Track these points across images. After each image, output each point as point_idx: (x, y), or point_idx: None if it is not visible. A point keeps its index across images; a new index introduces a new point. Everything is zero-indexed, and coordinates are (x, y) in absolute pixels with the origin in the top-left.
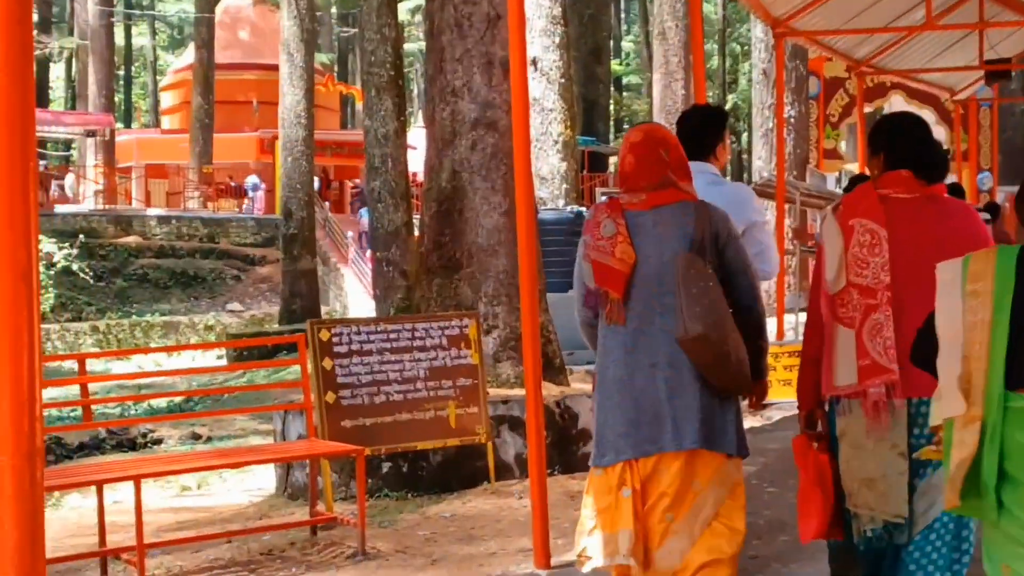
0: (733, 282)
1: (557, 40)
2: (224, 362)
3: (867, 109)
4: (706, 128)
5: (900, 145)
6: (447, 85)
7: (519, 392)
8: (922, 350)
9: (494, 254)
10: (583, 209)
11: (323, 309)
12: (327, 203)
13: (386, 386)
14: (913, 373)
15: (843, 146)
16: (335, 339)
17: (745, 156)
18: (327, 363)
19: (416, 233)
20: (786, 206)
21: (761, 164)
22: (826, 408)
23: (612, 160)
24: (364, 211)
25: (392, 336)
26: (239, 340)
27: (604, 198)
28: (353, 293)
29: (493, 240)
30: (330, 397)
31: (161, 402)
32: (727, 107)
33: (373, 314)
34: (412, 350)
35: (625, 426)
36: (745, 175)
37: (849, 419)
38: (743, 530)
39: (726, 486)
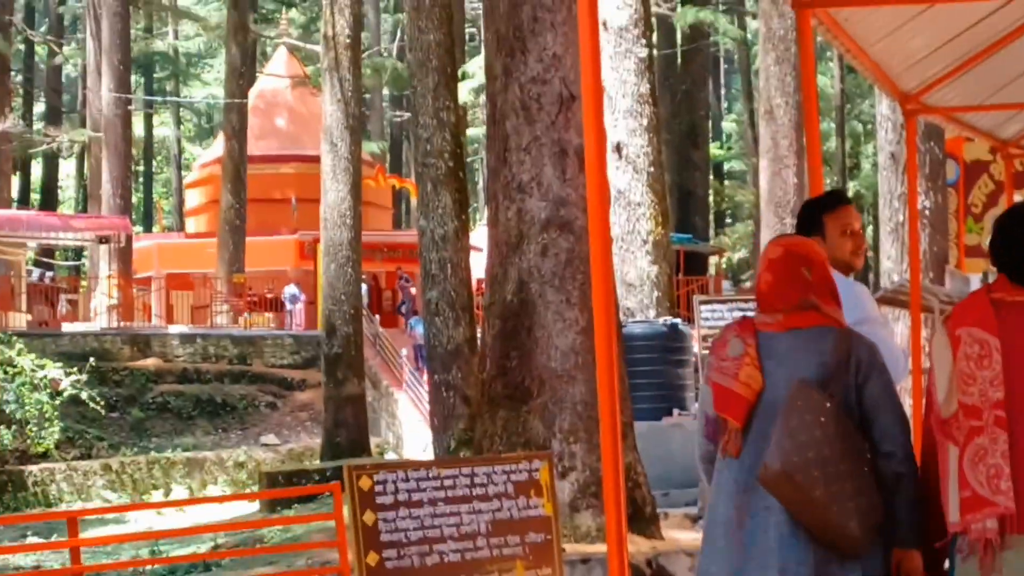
0: (874, 422)
1: (645, 122)
2: (257, 505)
3: (1016, 197)
4: (812, 212)
5: (999, 244)
6: (512, 179)
7: (602, 548)
8: None
9: (570, 381)
10: (678, 321)
11: (373, 441)
12: (377, 316)
13: (440, 544)
14: None
15: (988, 242)
16: (378, 488)
17: (871, 255)
18: (368, 517)
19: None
20: (922, 316)
21: (891, 265)
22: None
23: (712, 260)
24: (415, 320)
25: (447, 483)
26: (263, 492)
27: (730, 314)
28: (408, 422)
29: (569, 364)
30: (372, 559)
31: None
32: (848, 196)
33: (430, 447)
34: (472, 499)
35: (732, 566)
36: (871, 276)
37: (964, 557)
38: None
39: None
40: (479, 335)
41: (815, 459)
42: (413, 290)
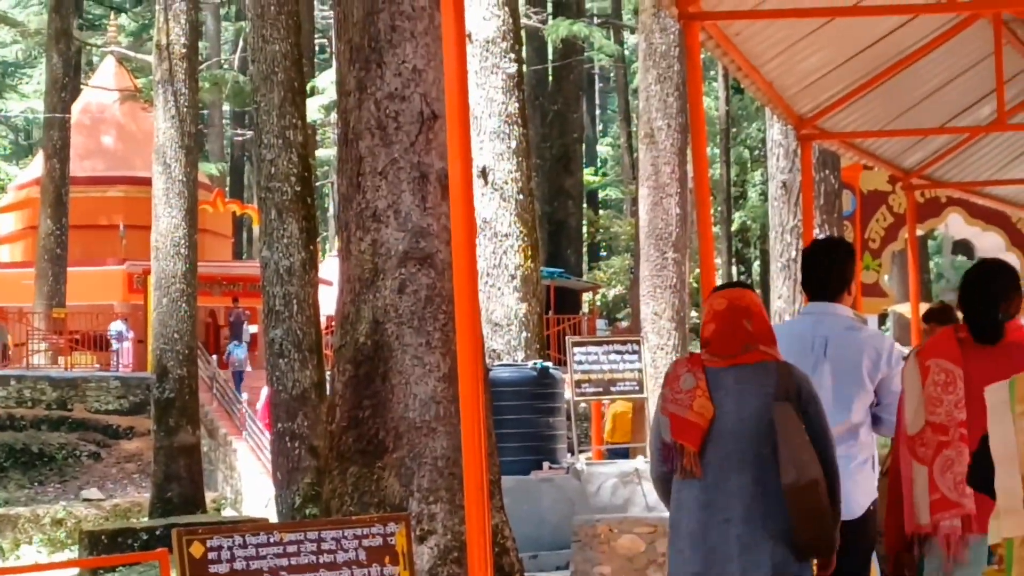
0: (816, 441)
1: (514, 145)
2: (76, 570)
3: (919, 231)
4: (836, 264)
5: (964, 298)
6: (367, 207)
7: None
8: (978, 473)
9: (430, 433)
10: (549, 364)
11: (209, 496)
12: (214, 357)
13: None
14: (991, 507)
15: (887, 280)
16: (212, 555)
17: (759, 291)
18: None
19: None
20: None
21: (783, 304)
22: (914, 551)
23: (585, 297)
24: (234, 345)
25: (290, 549)
26: (80, 561)
27: (606, 357)
28: (248, 474)
29: (429, 414)
30: None
31: None
32: (733, 227)
33: (273, 502)
34: (318, 568)
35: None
36: None
37: (931, 557)
38: None
39: None
40: (328, 380)
41: (816, 472)
42: (248, 326)
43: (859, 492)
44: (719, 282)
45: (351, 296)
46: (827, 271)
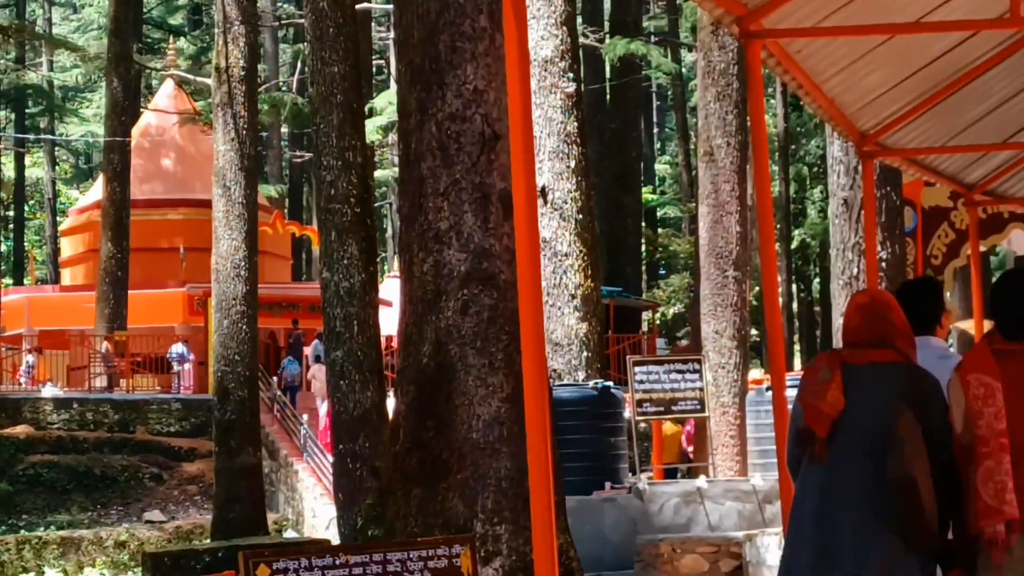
0: (932, 447)
1: (573, 164)
2: None
3: (981, 247)
4: (928, 301)
5: (995, 302)
6: (429, 228)
7: None
8: None
9: (494, 454)
10: (610, 384)
11: (270, 517)
12: (275, 379)
13: None
14: None
15: (949, 297)
16: None
17: (818, 309)
18: None
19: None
20: None
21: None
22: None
23: (645, 316)
24: (288, 361)
25: (356, 571)
26: None
27: (667, 376)
28: (310, 496)
29: (493, 435)
30: None
31: None
32: (792, 245)
33: (335, 524)
34: None
35: (813, 554)
36: (818, 333)
37: (980, 559)
38: None
39: None
40: (390, 401)
41: (924, 472)
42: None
43: None
44: (781, 300)
45: (414, 317)
46: (925, 307)
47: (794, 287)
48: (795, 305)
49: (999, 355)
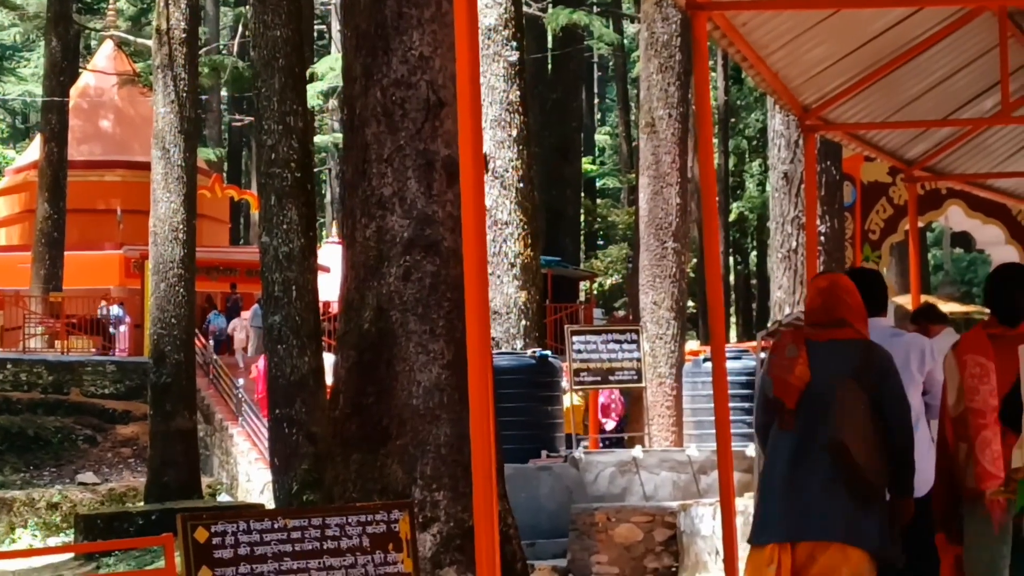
0: (888, 411)
1: (515, 133)
2: (71, 540)
3: (919, 223)
4: (876, 288)
5: (989, 292)
6: (372, 194)
7: None
8: (1008, 411)
9: (434, 421)
10: (548, 353)
11: (204, 481)
12: (211, 342)
13: None
14: None
15: (886, 272)
16: (216, 540)
17: (755, 282)
18: (204, 574)
19: (329, 385)
20: None
21: (783, 295)
22: (959, 510)
23: (582, 286)
24: (215, 315)
25: (295, 535)
26: (84, 545)
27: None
28: (245, 461)
29: (432, 402)
30: None
31: None
32: (730, 218)
33: (270, 488)
34: (322, 554)
35: (783, 513)
36: (754, 306)
37: (971, 516)
38: None
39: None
40: (329, 366)
41: (859, 437)
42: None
43: (926, 473)
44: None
45: (356, 283)
46: (873, 294)
47: (731, 260)
48: (732, 278)
49: (994, 339)
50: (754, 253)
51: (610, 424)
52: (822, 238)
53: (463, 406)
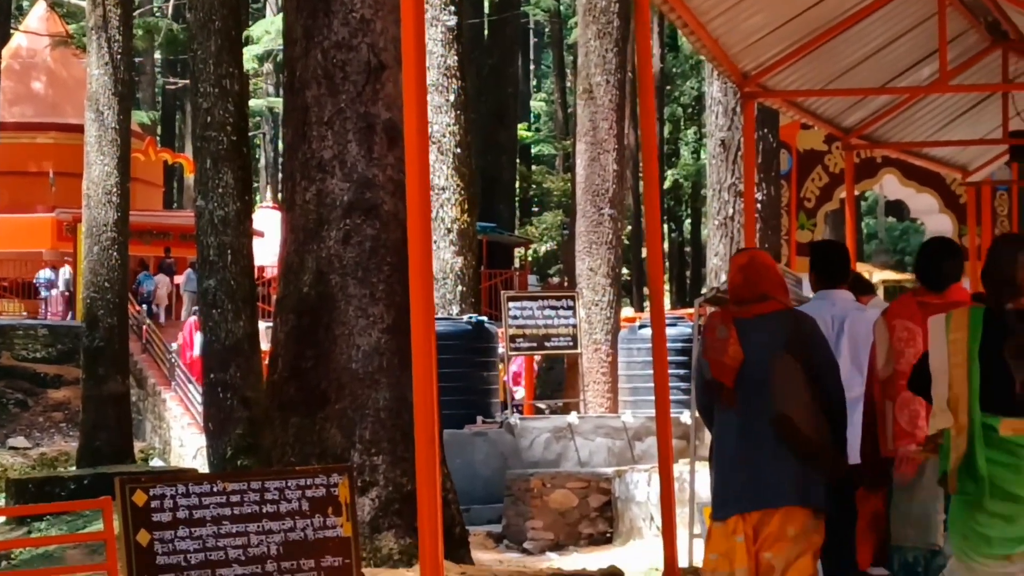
0: (819, 375)
1: (452, 98)
2: (2, 504)
3: (856, 192)
4: (839, 260)
5: (918, 262)
6: (312, 157)
7: (405, 574)
8: (918, 381)
9: (373, 385)
10: (484, 318)
11: (137, 446)
12: (144, 306)
13: (224, 568)
14: None
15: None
16: (154, 503)
17: (689, 250)
18: (143, 537)
19: (265, 349)
20: None
21: (719, 262)
22: (884, 469)
23: (517, 252)
24: (144, 276)
25: (233, 499)
26: (21, 508)
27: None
28: (177, 425)
29: (372, 366)
30: None
31: None
32: (665, 186)
33: (203, 453)
34: (261, 518)
35: (739, 487)
36: (688, 274)
37: (895, 473)
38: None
39: (813, 533)
40: (266, 330)
41: (800, 405)
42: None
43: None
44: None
45: (295, 246)
46: (836, 265)
47: (665, 227)
48: (666, 245)
49: (922, 306)
50: (688, 221)
51: (520, 392)
52: (758, 206)
53: (402, 370)
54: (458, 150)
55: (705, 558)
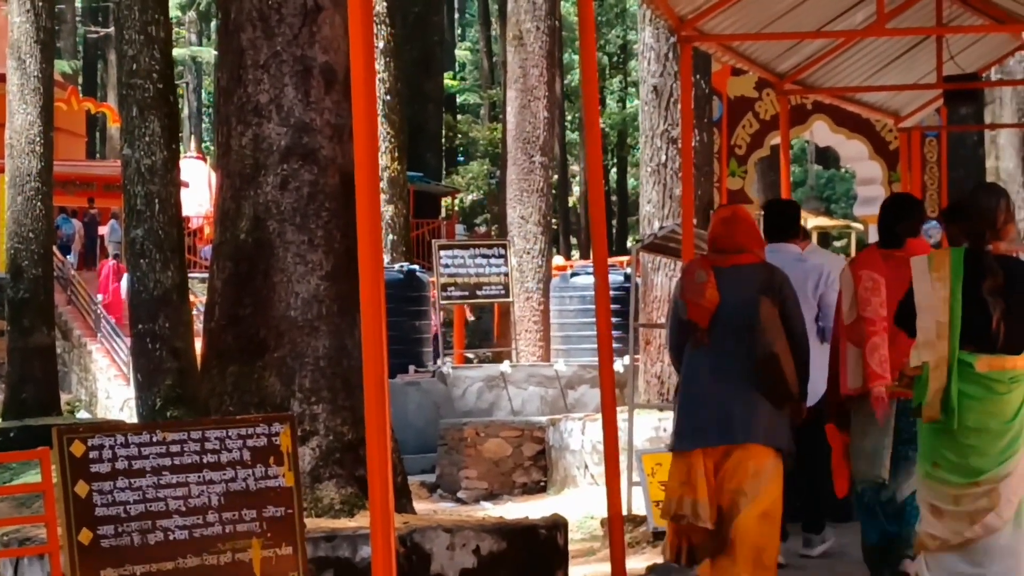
0: (788, 326)
1: (381, 45)
2: None
3: (778, 140)
4: (789, 217)
5: (879, 220)
6: (248, 101)
7: (347, 524)
8: (903, 316)
9: (312, 332)
10: (416, 267)
11: (63, 398)
12: (69, 257)
13: (164, 519)
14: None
15: (754, 188)
16: (93, 454)
17: (615, 199)
18: (81, 488)
19: (192, 299)
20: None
21: (652, 210)
22: (845, 406)
23: (444, 202)
24: (63, 220)
25: (173, 449)
26: None
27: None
28: (104, 377)
29: (311, 313)
30: (85, 536)
31: None
32: None
33: (131, 404)
34: (202, 468)
35: (705, 422)
36: (615, 223)
37: (857, 411)
38: (780, 505)
39: (772, 473)
40: (193, 278)
41: (784, 346)
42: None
43: (816, 384)
44: (580, 189)
45: (231, 192)
46: (783, 221)
47: None
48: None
49: (885, 257)
50: (614, 170)
51: None
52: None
53: (342, 318)
54: (388, 97)
55: (669, 485)
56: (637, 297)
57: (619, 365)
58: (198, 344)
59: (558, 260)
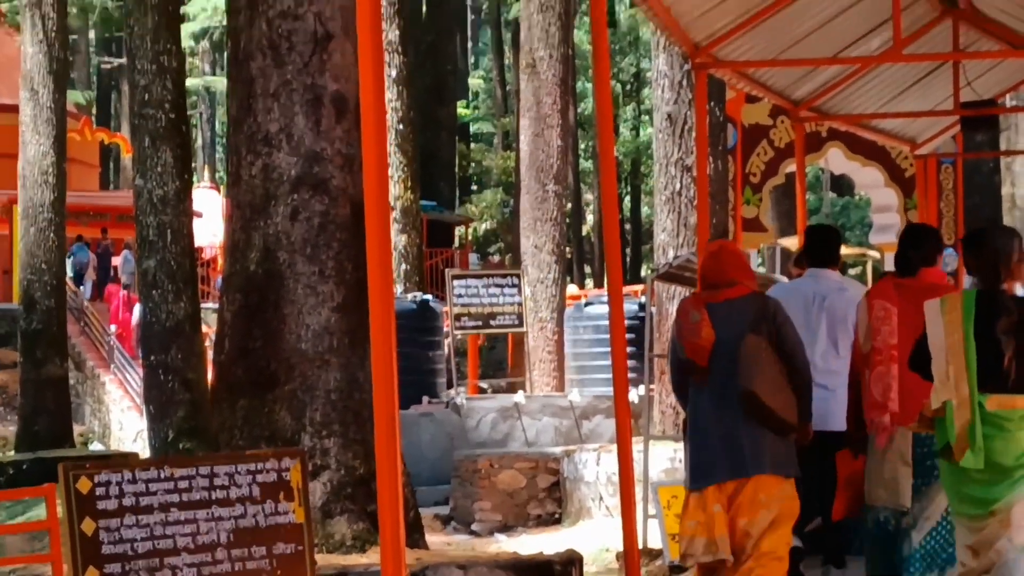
0: (786, 352)
1: (394, 74)
2: None
3: (793, 167)
4: (831, 243)
5: (898, 251)
6: (258, 130)
7: (359, 560)
8: (918, 360)
9: (323, 365)
10: (429, 297)
11: (76, 430)
12: (83, 288)
13: (172, 557)
14: (914, 409)
15: (769, 216)
16: (99, 490)
17: (629, 227)
18: (87, 526)
19: (205, 330)
20: None
21: (667, 238)
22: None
23: (458, 231)
24: (77, 247)
25: (182, 485)
26: None
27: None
28: (117, 409)
29: (322, 345)
30: (92, 575)
31: None
32: None
33: (144, 436)
34: (210, 504)
35: (714, 459)
36: (628, 251)
37: (872, 440)
38: (790, 539)
39: (785, 500)
40: (207, 309)
41: (766, 381)
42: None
43: (841, 411)
44: (595, 218)
45: (241, 223)
46: (827, 248)
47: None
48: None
49: (898, 287)
50: (628, 198)
51: None
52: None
53: (353, 350)
54: (400, 126)
55: (683, 526)
56: (652, 326)
57: (634, 395)
58: (211, 375)
59: (572, 289)
